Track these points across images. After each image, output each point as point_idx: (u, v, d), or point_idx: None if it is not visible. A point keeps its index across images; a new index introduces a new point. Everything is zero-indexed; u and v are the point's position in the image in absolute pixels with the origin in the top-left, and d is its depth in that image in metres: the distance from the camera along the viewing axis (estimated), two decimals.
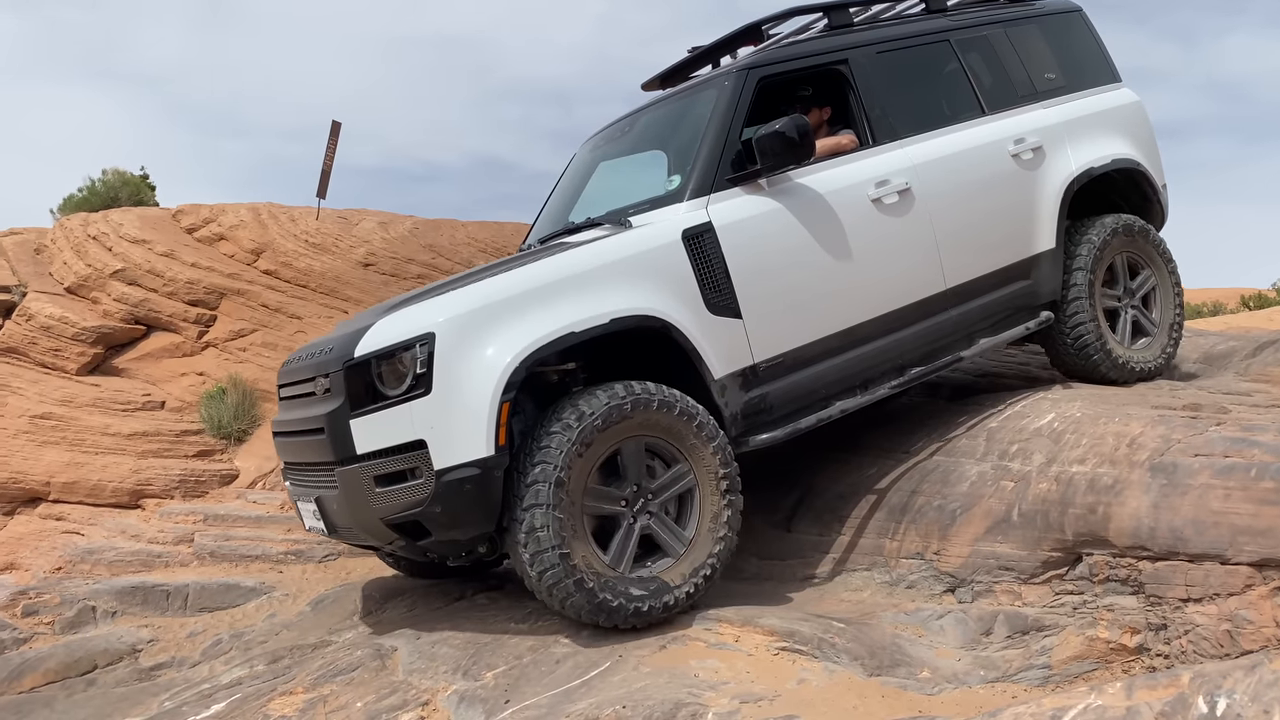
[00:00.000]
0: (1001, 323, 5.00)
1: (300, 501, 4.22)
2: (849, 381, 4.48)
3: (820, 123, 4.99)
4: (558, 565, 3.57)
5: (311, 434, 3.90)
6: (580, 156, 5.64)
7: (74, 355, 8.70)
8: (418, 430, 3.61)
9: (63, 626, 4.80)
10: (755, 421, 4.22)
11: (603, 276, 3.94)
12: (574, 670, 3.51)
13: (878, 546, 4.33)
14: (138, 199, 12.46)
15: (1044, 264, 5.12)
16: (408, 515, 3.65)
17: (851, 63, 4.84)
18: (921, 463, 4.55)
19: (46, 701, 4.26)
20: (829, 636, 3.59)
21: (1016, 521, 3.92)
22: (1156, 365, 5.33)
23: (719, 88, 4.60)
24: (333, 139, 10.33)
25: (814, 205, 4.45)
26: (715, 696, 3.19)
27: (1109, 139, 5.46)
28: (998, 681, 3.49)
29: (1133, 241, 5.41)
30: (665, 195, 4.39)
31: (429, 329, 3.66)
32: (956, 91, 5.20)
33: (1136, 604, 3.50)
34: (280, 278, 9.39)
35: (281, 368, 4.51)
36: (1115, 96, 5.70)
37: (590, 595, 3.61)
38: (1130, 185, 5.57)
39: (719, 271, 4.14)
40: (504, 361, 3.63)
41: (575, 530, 3.63)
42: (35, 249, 10.50)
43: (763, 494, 5.09)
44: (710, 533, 3.89)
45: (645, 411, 3.77)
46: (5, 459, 7.34)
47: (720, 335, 4.10)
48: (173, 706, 3.92)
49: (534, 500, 3.58)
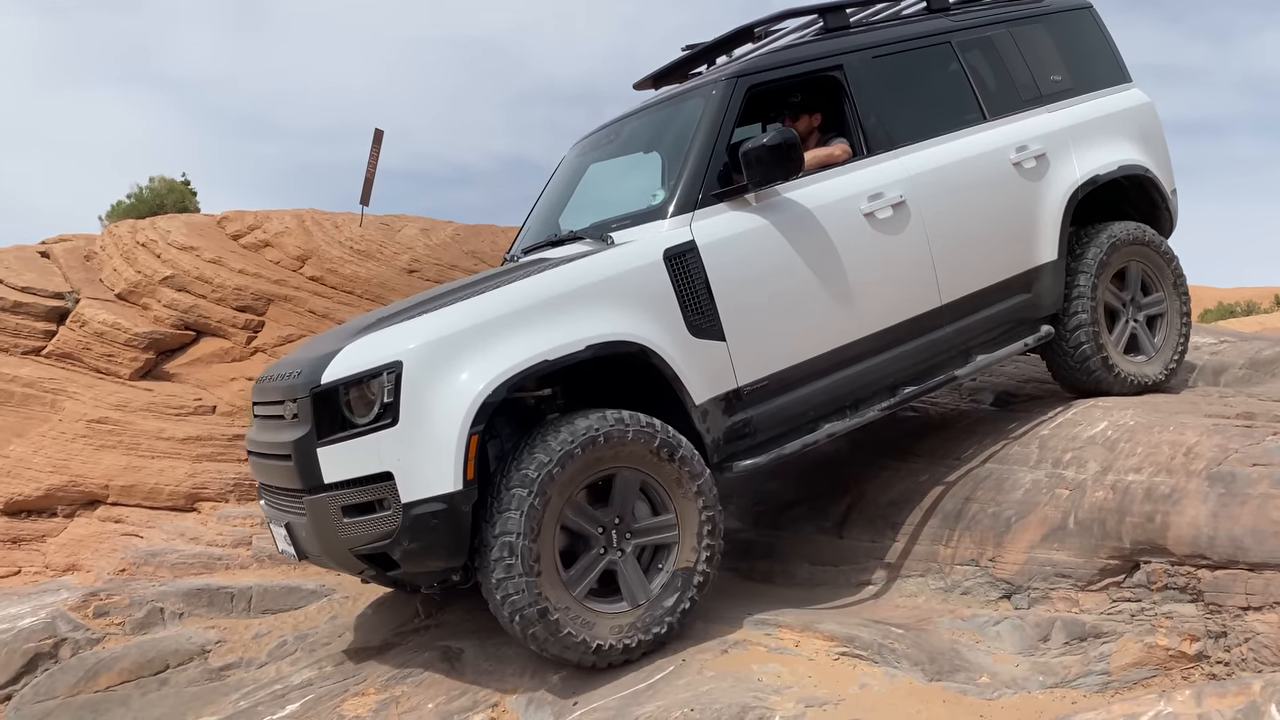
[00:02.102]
0: (1000, 338, 4.84)
1: (273, 524, 4.11)
2: (838, 403, 4.33)
3: (811, 129, 4.83)
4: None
5: (280, 459, 3.79)
6: (569, 160, 5.42)
7: (127, 361, 8.88)
8: (385, 462, 3.49)
9: (133, 627, 4.93)
10: (739, 447, 4.08)
11: (579, 300, 3.78)
12: (639, 674, 3.59)
13: (932, 553, 4.39)
14: (182, 206, 12.71)
15: (1045, 276, 4.93)
16: (376, 547, 3.54)
17: (846, 68, 4.64)
18: (974, 470, 4.60)
19: (122, 700, 4.40)
20: (888, 642, 3.66)
21: (1073, 529, 3.97)
22: (1158, 379, 5.14)
23: (706, 97, 4.41)
24: (375, 147, 10.48)
25: (803, 221, 4.27)
26: (780, 700, 3.26)
27: (1116, 144, 5.24)
28: (1056, 687, 3.54)
29: (1139, 250, 5.20)
30: (648, 210, 4.22)
31: (396, 357, 3.52)
32: (957, 96, 4.98)
33: (1195, 611, 3.54)
34: (326, 284, 9.55)
35: (256, 383, 4.37)
36: (1125, 98, 5.46)
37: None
38: (1138, 191, 5.37)
39: (702, 293, 3.98)
40: (472, 393, 3.49)
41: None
42: (85, 255, 10.70)
43: (813, 501, 5.16)
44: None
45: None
46: (65, 462, 7.53)
47: (702, 359, 3.95)
48: (248, 706, 4.05)
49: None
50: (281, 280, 9.54)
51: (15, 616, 4.96)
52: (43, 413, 8.22)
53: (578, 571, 3.64)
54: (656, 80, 5.48)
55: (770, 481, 5.37)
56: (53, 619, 4.88)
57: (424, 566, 3.59)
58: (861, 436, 5.36)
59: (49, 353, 9.01)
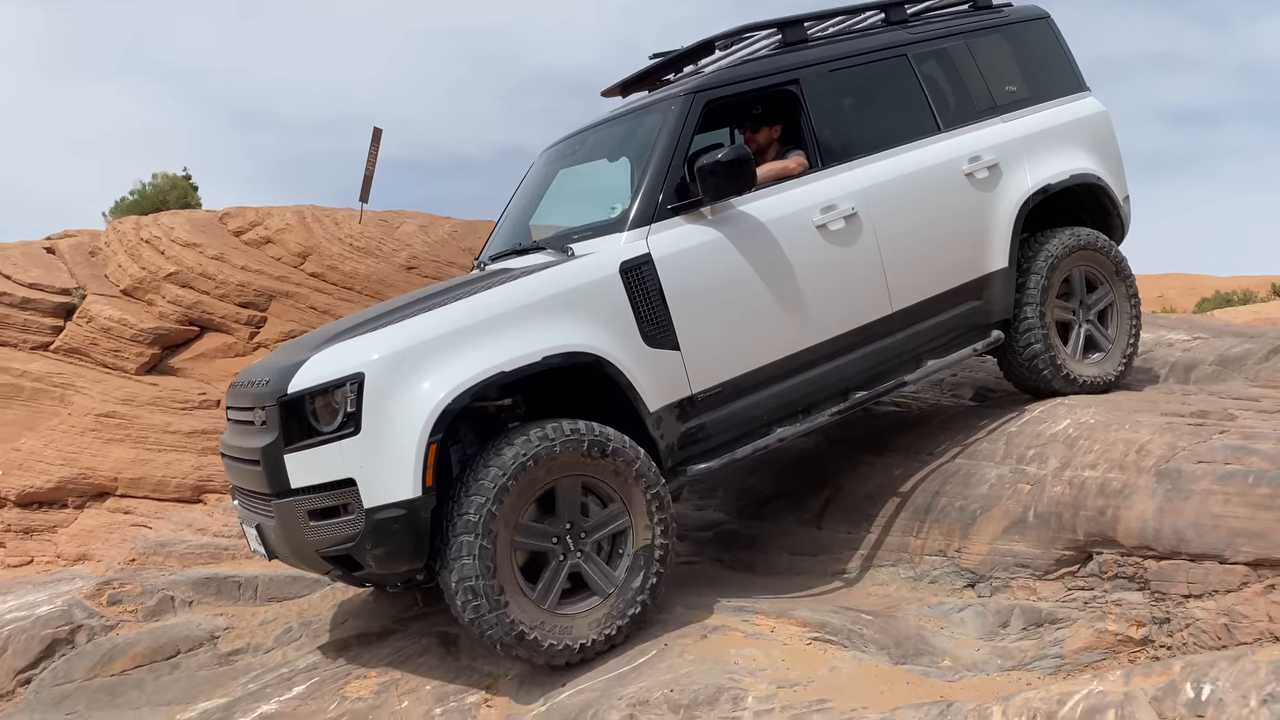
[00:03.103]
0: (951, 343, 4.96)
1: (245, 525, 4.28)
2: (790, 408, 4.45)
3: (770, 141, 4.93)
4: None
5: (250, 464, 3.92)
6: (538, 166, 5.50)
7: (133, 356, 9.11)
8: (348, 469, 3.63)
9: (145, 614, 5.17)
10: (692, 451, 4.22)
11: (537, 312, 3.91)
12: (623, 658, 3.83)
13: (903, 544, 4.63)
14: (184, 201, 12.89)
15: (996, 283, 5.03)
16: (341, 549, 3.70)
17: (802, 83, 4.73)
18: (944, 465, 4.84)
19: (137, 683, 4.64)
20: (858, 628, 3.91)
21: (1032, 522, 4.22)
22: (1108, 380, 5.27)
23: (664, 111, 4.52)
24: (374, 145, 10.68)
25: (756, 234, 4.40)
26: (754, 682, 3.50)
27: (1069, 153, 5.34)
28: (1014, 670, 3.79)
29: (1089, 256, 5.32)
30: (607, 223, 4.34)
31: (358, 369, 3.66)
32: (912, 109, 5.06)
33: (1142, 599, 3.79)
34: (327, 280, 9.77)
35: (229, 388, 4.52)
36: (1079, 107, 5.54)
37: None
38: (1090, 199, 5.47)
39: (656, 304, 4.11)
40: (431, 404, 3.63)
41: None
42: (90, 251, 10.91)
43: (793, 494, 5.41)
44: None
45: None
46: (74, 455, 7.77)
47: (657, 368, 4.08)
48: (256, 689, 4.30)
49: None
50: (283, 276, 9.76)
51: (33, 604, 5.21)
52: (52, 407, 8.46)
53: (544, 586, 3.79)
54: (624, 88, 5.60)
55: (752, 476, 5.62)
56: (69, 606, 5.12)
57: (387, 568, 3.73)
58: (839, 433, 5.62)
59: (57, 348, 9.24)
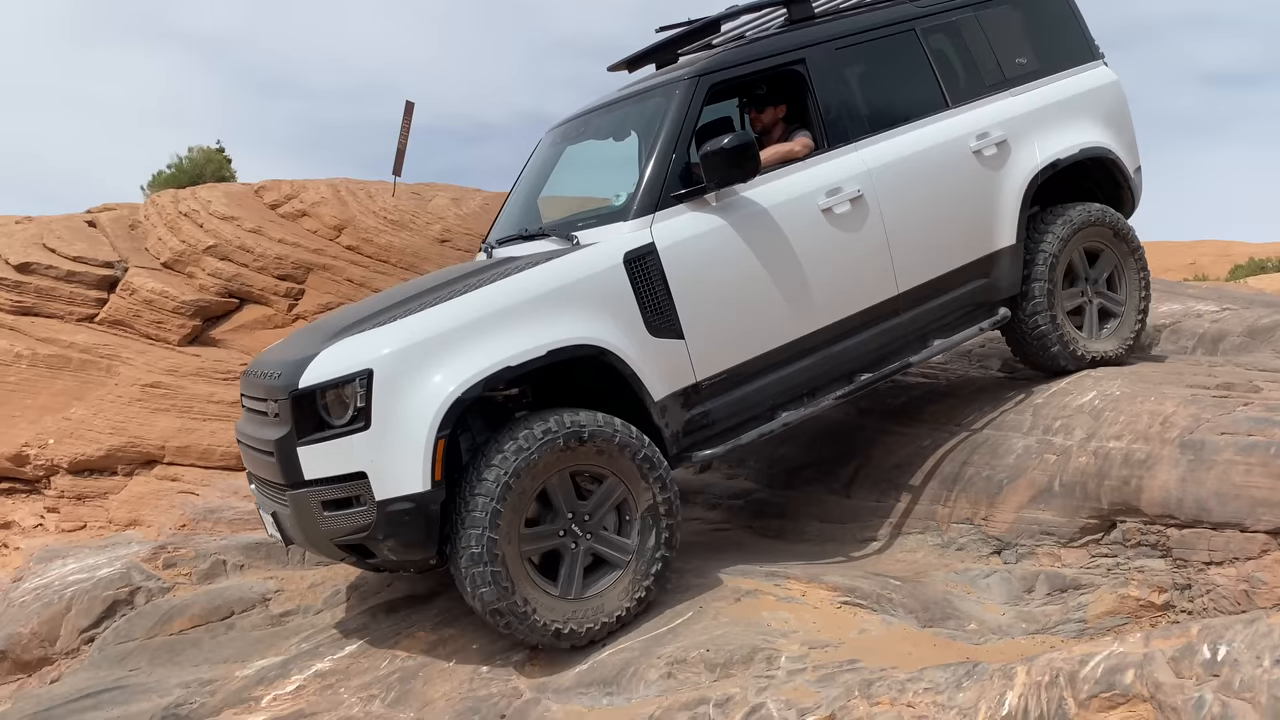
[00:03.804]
0: (957, 322, 4.94)
1: (262, 511, 4.35)
2: (795, 391, 4.46)
3: (776, 120, 4.89)
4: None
5: (265, 454, 3.99)
6: (544, 145, 5.46)
7: (175, 327, 9.35)
8: (359, 462, 3.70)
9: (199, 577, 5.39)
10: (697, 438, 4.26)
11: (542, 305, 3.93)
12: (660, 619, 3.99)
13: (931, 512, 4.76)
14: (220, 175, 13.13)
15: (1003, 260, 5.00)
16: (354, 539, 3.78)
17: (808, 62, 4.68)
18: (972, 436, 4.95)
19: (194, 642, 4.85)
20: (886, 592, 4.05)
21: (1058, 491, 4.33)
22: (1117, 354, 5.24)
23: (668, 95, 4.49)
24: (406, 119, 10.82)
25: (761, 221, 4.38)
26: (786, 643, 3.66)
27: (1079, 126, 5.26)
28: (1038, 633, 3.93)
29: (1098, 232, 5.27)
30: (611, 212, 4.35)
31: (367, 365, 3.71)
32: (919, 85, 5.00)
33: (1164, 566, 3.91)
34: (362, 253, 9.95)
35: (243, 376, 4.54)
36: (1091, 78, 5.44)
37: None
38: (1101, 171, 5.40)
39: (660, 294, 4.12)
40: (439, 400, 3.68)
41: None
42: (130, 225, 11.15)
43: (823, 464, 5.54)
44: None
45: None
46: (123, 424, 8.02)
47: (661, 357, 4.10)
48: (309, 648, 4.50)
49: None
50: (320, 250, 9.94)
51: (94, 567, 5.44)
52: (99, 377, 8.72)
53: (565, 578, 3.88)
54: (631, 64, 5.54)
55: (783, 446, 5.75)
56: (127, 569, 5.35)
57: (400, 556, 3.83)
58: (869, 404, 5.74)
59: (101, 319, 9.49)
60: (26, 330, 9.20)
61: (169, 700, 4.22)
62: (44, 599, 5.22)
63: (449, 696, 3.81)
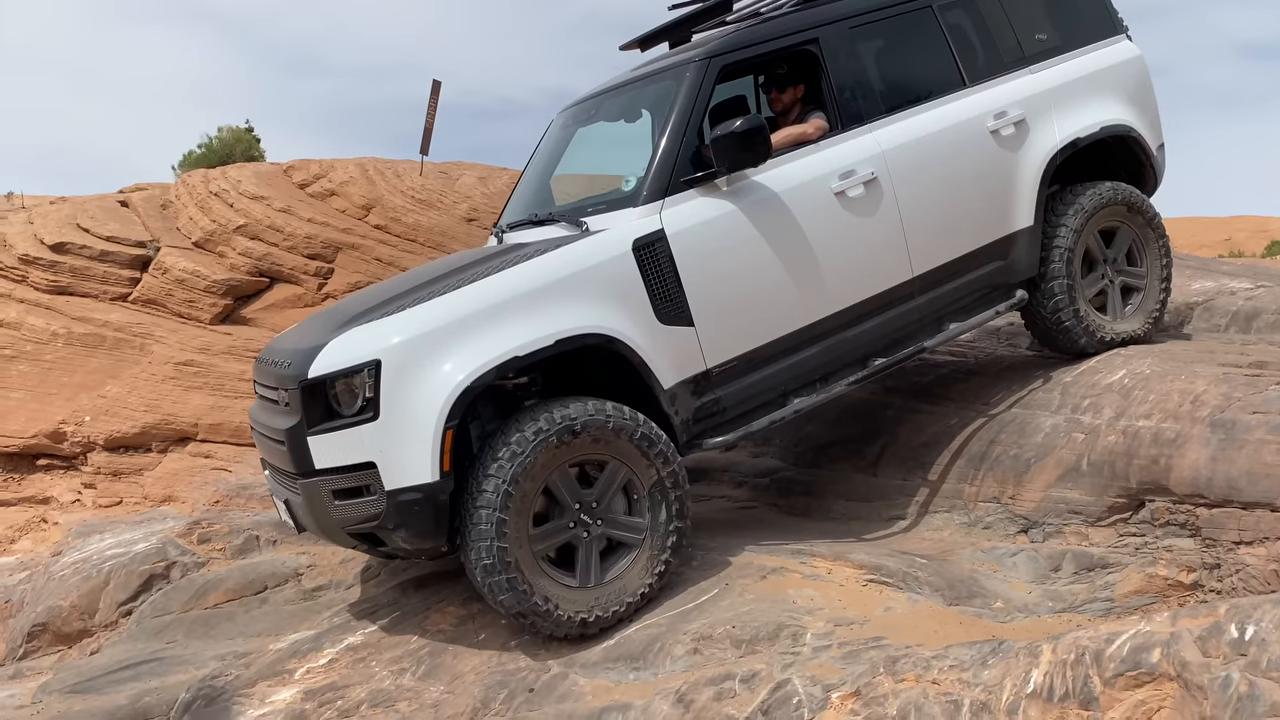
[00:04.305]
0: (973, 305, 4.86)
1: (275, 498, 4.38)
2: (807, 377, 4.42)
3: (794, 101, 4.82)
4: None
5: (277, 442, 4.00)
6: (555, 127, 5.40)
7: (206, 306, 9.47)
8: (368, 453, 3.71)
9: (233, 552, 5.49)
10: (708, 425, 4.23)
11: (549, 294, 3.91)
12: (686, 595, 4.02)
13: (957, 491, 4.75)
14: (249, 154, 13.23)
15: (1021, 242, 4.91)
16: (365, 527, 3.80)
17: (822, 42, 4.60)
18: (1000, 414, 4.93)
19: (229, 616, 4.95)
20: (912, 570, 4.06)
21: (1086, 470, 4.32)
22: (1142, 333, 5.16)
23: (678, 78, 4.43)
24: (434, 98, 10.86)
25: (772, 205, 4.32)
26: (812, 620, 3.68)
27: (1100, 103, 5.14)
28: (1064, 612, 3.93)
29: (1119, 212, 5.16)
30: (621, 197, 4.30)
31: (375, 355, 3.70)
32: (936, 64, 4.90)
33: (1193, 546, 3.90)
34: (390, 232, 10.02)
35: (256, 362, 4.53)
36: (1112, 53, 5.31)
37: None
38: (1123, 148, 5.29)
39: (670, 281, 4.08)
40: (446, 390, 3.67)
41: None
42: (162, 204, 11.30)
43: (849, 442, 5.54)
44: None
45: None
46: (157, 402, 8.16)
47: (671, 344, 4.07)
48: (341, 622, 4.58)
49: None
50: (348, 229, 10.03)
51: (130, 542, 5.55)
52: (133, 356, 8.87)
53: (583, 568, 3.88)
54: (643, 43, 5.45)
55: (809, 424, 5.75)
56: (163, 544, 5.45)
57: (410, 545, 3.83)
58: (895, 382, 5.73)
59: (135, 299, 9.64)
60: (62, 309, 9.36)
61: (205, 672, 4.31)
62: (83, 573, 5.34)
63: (478, 670, 3.87)
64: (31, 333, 9.03)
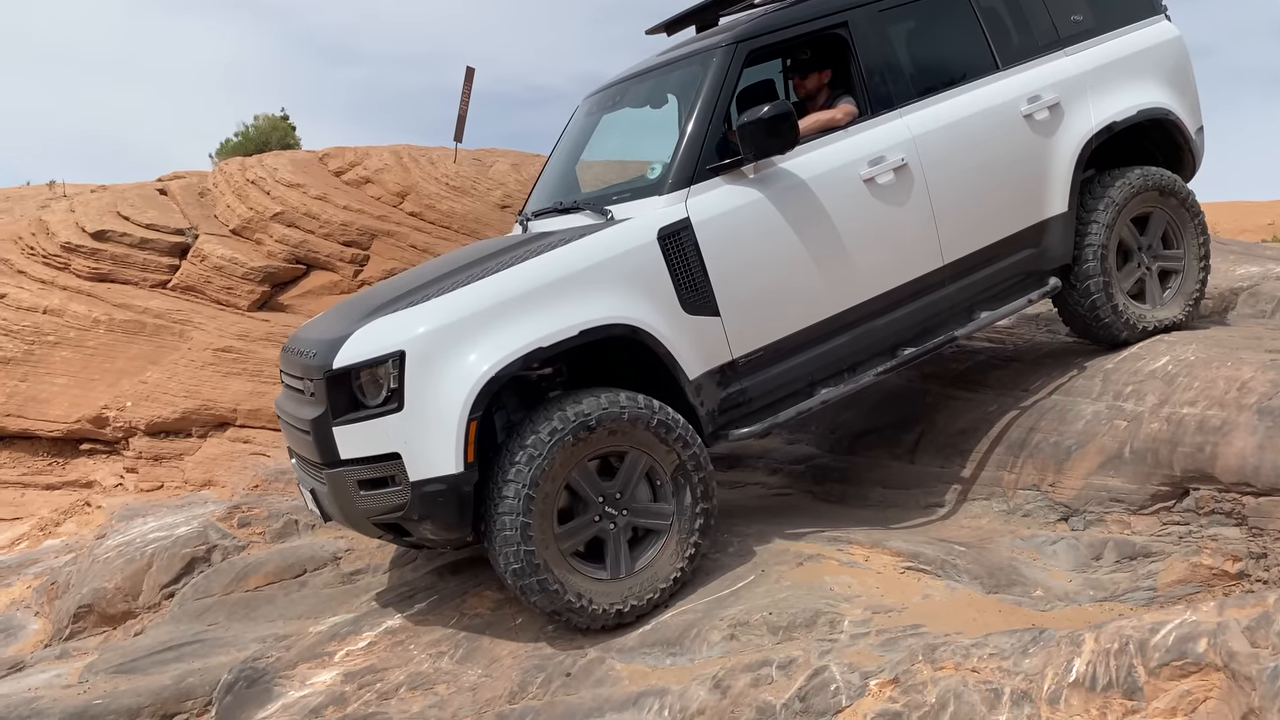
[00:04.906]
0: (1005, 293, 4.78)
1: (302, 486, 4.40)
2: (835, 367, 4.37)
3: (820, 86, 4.74)
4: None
5: (302, 432, 4.00)
6: (579, 115, 5.35)
7: (244, 293, 9.57)
8: (393, 443, 3.70)
9: (272, 536, 5.55)
10: (733, 416, 4.19)
11: (573, 284, 3.87)
12: (723, 581, 4.02)
13: (996, 478, 4.71)
14: (285, 142, 13.33)
15: (1054, 229, 4.82)
16: (390, 518, 3.80)
17: (851, 25, 4.52)
18: (1040, 401, 4.87)
19: (269, 599, 5.01)
20: (950, 558, 4.03)
21: (1128, 458, 4.26)
22: (1175, 322, 5.05)
23: (704, 64, 4.36)
24: (467, 84, 10.86)
25: (800, 193, 4.26)
26: (850, 607, 3.66)
27: (1137, 85, 5.03)
28: (1106, 601, 3.88)
29: (1155, 198, 5.05)
30: (646, 185, 4.24)
31: (399, 346, 3.69)
32: (969, 47, 4.80)
33: (1239, 535, 3.83)
34: (425, 219, 10.07)
35: (282, 351, 4.52)
36: (1150, 34, 5.18)
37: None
38: (1160, 132, 5.17)
39: (696, 271, 4.04)
40: (470, 382, 3.66)
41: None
42: (199, 192, 11.42)
43: (886, 429, 5.50)
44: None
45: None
46: (196, 388, 8.27)
47: (696, 335, 4.03)
48: (380, 605, 4.62)
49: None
50: (383, 216, 10.08)
51: (172, 525, 5.63)
52: (173, 342, 8.98)
53: (613, 560, 3.88)
54: (670, 27, 5.38)
55: (845, 411, 5.72)
56: (204, 528, 5.53)
57: (435, 535, 3.85)
58: (933, 369, 5.68)
59: (174, 285, 9.76)
60: (103, 296, 9.49)
61: (246, 654, 4.37)
62: (126, 555, 5.42)
63: (515, 654, 3.90)
64: (74, 319, 9.17)
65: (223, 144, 13.31)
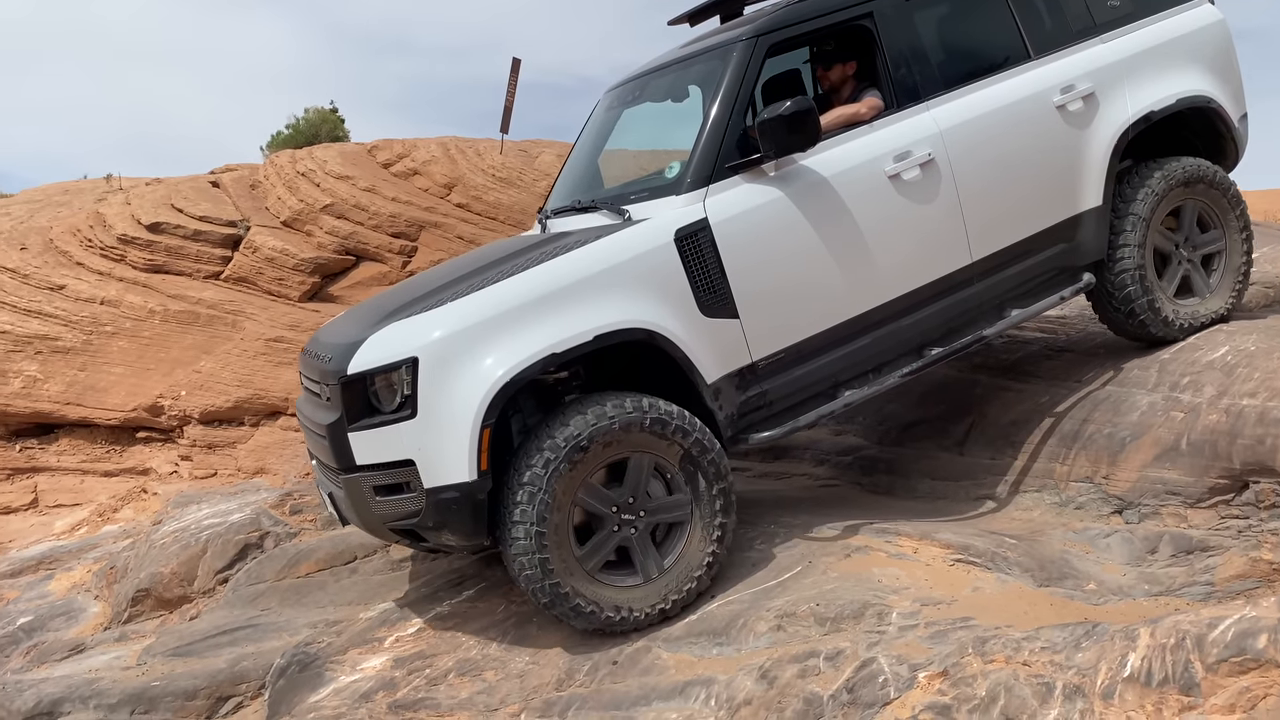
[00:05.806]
0: (1036, 290, 4.64)
1: (320, 489, 4.40)
2: (860, 368, 4.27)
3: (845, 79, 4.63)
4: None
5: (320, 436, 3.99)
6: (600, 110, 5.24)
7: (295, 284, 9.70)
8: (407, 450, 3.68)
9: (323, 524, 5.64)
10: (754, 419, 4.12)
11: (589, 288, 3.81)
12: (769, 572, 4.01)
13: (1048, 470, 4.64)
14: (334, 135, 13.49)
15: (1088, 223, 4.66)
16: (406, 524, 3.78)
17: (877, 15, 4.38)
18: (1093, 392, 4.79)
19: (320, 585, 5.10)
20: (1001, 550, 3.97)
21: (1185, 450, 4.17)
22: (1221, 315, 4.92)
23: (724, 58, 4.24)
24: (514, 75, 10.90)
25: (822, 191, 4.14)
26: (898, 599, 3.63)
27: (1177, 72, 4.85)
28: (1161, 595, 3.80)
29: (1196, 190, 4.89)
30: (664, 185, 4.14)
31: (413, 353, 3.65)
32: (999, 35, 4.64)
33: None
34: (472, 210, 10.13)
35: (301, 353, 4.50)
36: (1191, 18, 4.98)
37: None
38: (1201, 121, 4.98)
39: (714, 272, 3.95)
40: (483, 390, 3.62)
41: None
42: (251, 185, 11.59)
43: (935, 420, 5.44)
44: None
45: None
46: (249, 377, 8.40)
47: (715, 337, 3.96)
48: (428, 592, 4.67)
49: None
50: (431, 207, 10.16)
51: (226, 512, 5.74)
52: (225, 332, 9.14)
53: (641, 564, 3.86)
54: (693, 18, 5.27)
55: (892, 402, 5.67)
56: (257, 515, 5.63)
57: (451, 541, 3.84)
58: (982, 359, 5.61)
59: (226, 277, 9.92)
60: (158, 287, 9.68)
61: (299, 639, 4.45)
62: (182, 541, 5.54)
63: (563, 642, 3.92)
64: (130, 310, 9.37)
65: (273, 137, 13.53)
